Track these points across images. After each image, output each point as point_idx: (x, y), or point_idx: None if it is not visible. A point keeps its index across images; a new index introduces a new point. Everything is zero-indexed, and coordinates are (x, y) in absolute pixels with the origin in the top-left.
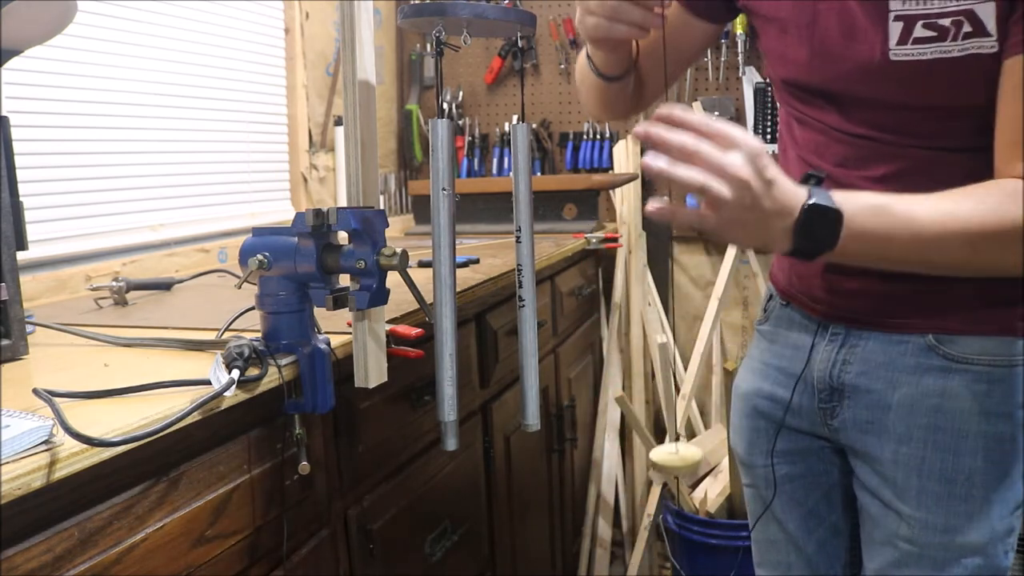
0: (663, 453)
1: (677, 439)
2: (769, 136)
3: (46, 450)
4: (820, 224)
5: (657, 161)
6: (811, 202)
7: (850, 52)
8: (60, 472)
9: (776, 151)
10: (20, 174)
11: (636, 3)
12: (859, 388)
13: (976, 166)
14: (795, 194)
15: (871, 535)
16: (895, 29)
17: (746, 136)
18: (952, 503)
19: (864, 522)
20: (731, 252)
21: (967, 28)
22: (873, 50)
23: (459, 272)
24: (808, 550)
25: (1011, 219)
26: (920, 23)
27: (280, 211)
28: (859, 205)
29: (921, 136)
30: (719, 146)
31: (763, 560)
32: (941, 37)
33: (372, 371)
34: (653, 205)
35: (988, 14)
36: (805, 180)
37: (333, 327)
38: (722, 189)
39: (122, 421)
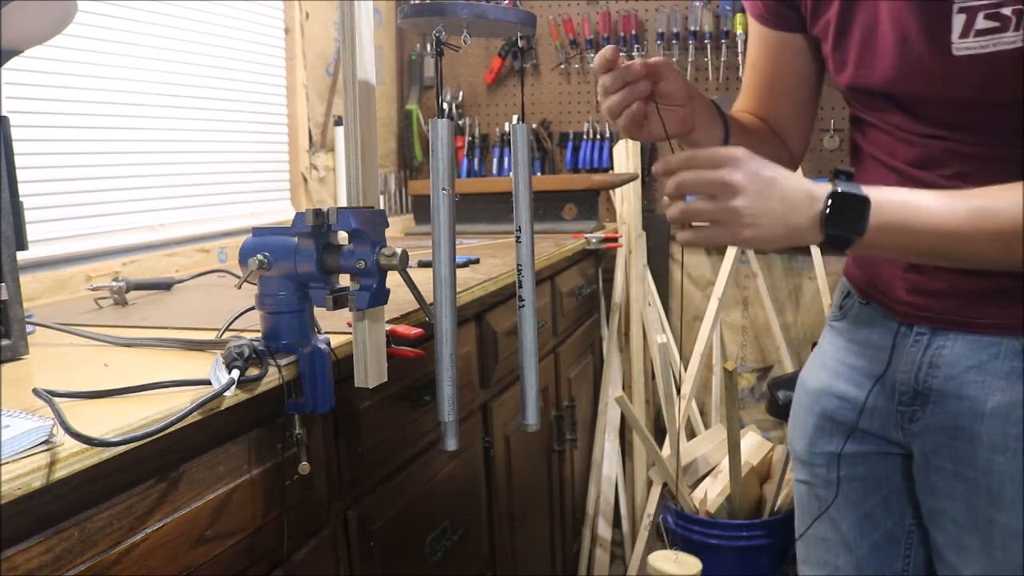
0: (663, 560)
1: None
2: None
3: (46, 450)
4: (849, 209)
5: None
6: (838, 190)
7: (911, 51)
8: (60, 472)
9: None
10: (20, 174)
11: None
12: (948, 394)
13: None
14: (816, 185)
15: (960, 542)
16: (958, 22)
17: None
18: None
19: (942, 529)
20: (731, 252)
21: None
22: (935, 47)
23: (459, 272)
24: (860, 553)
25: None
26: (982, 14)
27: (280, 211)
28: (887, 196)
29: (992, 134)
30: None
31: (809, 558)
32: (1003, 27)
33: (372, 371)
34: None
35: None
36: (835, 176)
37: (333, 327)
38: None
39: (122, 421)
